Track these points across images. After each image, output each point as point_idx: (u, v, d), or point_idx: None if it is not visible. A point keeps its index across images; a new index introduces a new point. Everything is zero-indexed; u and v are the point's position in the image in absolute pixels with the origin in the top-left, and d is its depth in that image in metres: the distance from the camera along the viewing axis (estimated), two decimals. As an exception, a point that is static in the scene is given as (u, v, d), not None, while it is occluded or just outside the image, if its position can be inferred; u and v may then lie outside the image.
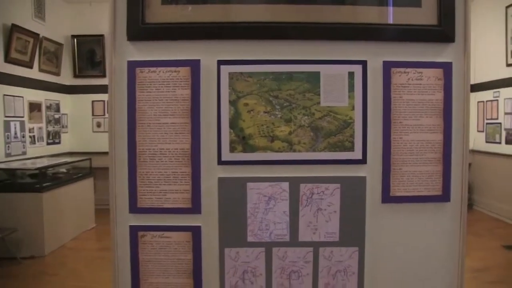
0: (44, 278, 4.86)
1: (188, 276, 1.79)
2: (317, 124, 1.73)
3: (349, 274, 1.79)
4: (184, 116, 1.74)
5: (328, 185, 1.75)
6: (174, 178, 1.76)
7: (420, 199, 1.79)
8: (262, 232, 1.76)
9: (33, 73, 6.98)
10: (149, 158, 1.76)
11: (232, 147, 1.74)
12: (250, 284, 1.79)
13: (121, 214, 1.80)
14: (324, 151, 1.74)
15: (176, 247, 1.78)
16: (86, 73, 8.20)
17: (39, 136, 7.24)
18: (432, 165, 1.78)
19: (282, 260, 1.78)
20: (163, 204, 1.77)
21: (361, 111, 1.74)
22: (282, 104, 1.72)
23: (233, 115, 1.73)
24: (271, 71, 1.72)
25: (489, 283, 4.51)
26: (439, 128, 1.77)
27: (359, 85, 1.73)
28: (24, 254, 5.46)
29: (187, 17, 1.73)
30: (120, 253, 1.81)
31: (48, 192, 5.76)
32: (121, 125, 1.78)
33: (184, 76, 1.73)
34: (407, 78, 1.75)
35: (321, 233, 1.77)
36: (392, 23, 1.75)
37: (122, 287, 1.82)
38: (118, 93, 1.78)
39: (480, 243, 5.99)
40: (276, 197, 1.75)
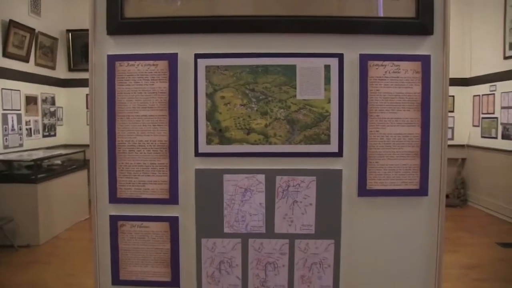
0: (38, 266, 4.92)
1: (166, 265, 1.82)
2: (293, 117, 1.75)
3: (325, 266, 1.81)
4: (162, 108, 1.76)
5: (304, 178, 1.77)
6: (153, 170, 1.78)
7: (397, 192, 1.81)
8: (239, 223, 1.79)
9: (29, 67, 7.00)
10: (128, 149, 1.78)
11: (209, 139, 1.76)
12: (227, 275, 1.81)
13: (102, 204, 1.83)
14: (300, 144, 1.76)
15: (154, 237, 1.81)
16: (80, 67, 8.20)
17: (35, 128, 7.25)
18: (409, 159, 1.79)
19: (258, 251, 1.80)
20: (142, 195, 1.79)
21: (337, 104, 1.76)
22: (258, 97, 1.74)
23: (210, 108, 1.75)
24: (247, 64, 1.73)
25: (480, 280, 4.50)
26: (416, 122, 1.78)
27: (336, 78, 1.75)
28: (20, 242, 5.52)
29: (164, 12, 1.75)
30: (101, 242, 1.84)
31: (43, 183, 5.80)
32: (101, 117, 1.81)
33: (162, 69, 1.75)
34: (384, 71, 1.77)
35: (297, 225, 1.79)
36: (370, 15, 1.76)
37: (103, 274, 1.85)
38: (98, 86, 1.81)
39: (473, 240, 5.99)
40: (252, 189, 1.77)
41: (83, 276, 4.51)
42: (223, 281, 1.82)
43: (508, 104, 7.06)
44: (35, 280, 4.49)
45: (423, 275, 1.85)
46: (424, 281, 1.85)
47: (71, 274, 4.61)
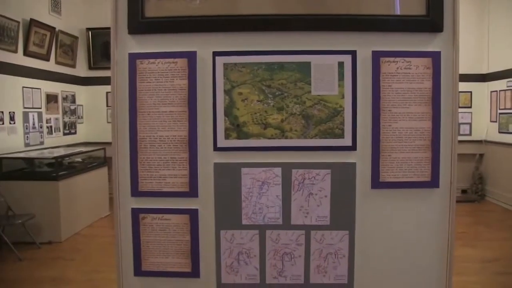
0: (61, 263, 5.05)
1: (186, 257, 1.89)
2: (308, 112, 1.81)
3: (340, 256, 1.87)
4: (181, 105, 1.83)
5: (319, 171, 1.83)
6: (173, 164, 1.85)
7: (409, 185, 1.85)
8: (256, 215, 1.85)
9: (50, 65, 7.14)
10: (149, 144, 1.85)
11: (227, 134, 1.82)
12: (245, 265, 1.88)
13: (124, 198, 1.90)
14: (315, 138, 1.82)
15: (175, 229, 1.88)
16: (100, 65, 8.33)
17: (56, 126, 7.40)
18: (421, 152, 1.84)
19: (275, 242, 1.86)
20: (163, 188, 1.86)
21: (350, 100, 1.81)
22: (275, 93, 1.80)
23: (228, 104, 1.81)
24: (264, 61, 1.79)
25: (498, 274, 4.51)
26: (427, 116, 1.83)
27: (349, 75, 1.80)
28: (42, 239, 5.64)
29: (183, 11, 1.81)
30: (123, 234, 1.91)
31: (64, 181, 5.92)
32: (123, 114, 1.88)
33: (181, 67, 1.82)
34: (396, 67, 1.81)
35: (313, 217, 1.85)
36: (381, 13, 1.81)
37: (125, 265, 1.92)
38: (120, 83, 1.88)
39: (491, 234, 6.00)
40: (269, 182, 1.83)
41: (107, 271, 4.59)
42: (242, 271, 1.88)
43: (526, 99, 7.04)
44: (58, 276, 4.60)
45: (436, 265, 1.89)
46: (436, 271, 1.89)
47: (95, 270, 4.71)
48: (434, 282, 1.90)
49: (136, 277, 1.92)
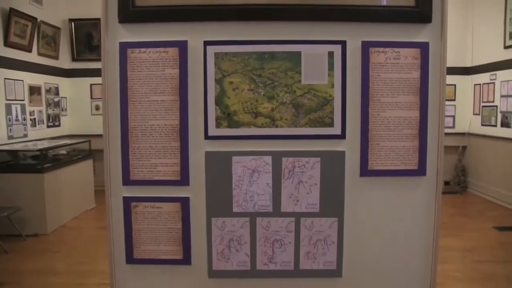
0: (48, 255, 5.04)
1: (178, 244, 1.91)
2: (298, 101, 1.83)
3: (329, 243, 1.90)
4: (173, 94, 1.84)
5: (309, 159, 1.86)
6: (164, 152, 1.86)
7: (397, 173, 1.89)
8: (247, 203, 1.87)
9: (32, 57, 7.05)
10: (140, 133, 1.86)
11: (218, 123, 1.84)
12: (236, 252, 1.90)
13: (115, 186, 1.91)
14: (305, 126, 1.84)
15: (166, 217, 1.90)
16: (84, 56, 8.26)
17: (40, 119, 7.33)
18: (408, 141, 1.87)
19: (266, 229, 1.89)
20: (154, 177, 1.88)
21: (340, 89, 1.84)
22: (265, 82, 1.82)
23: (218, 93, 1.83)
24: (255, 51, 1.81)
25: (477, 262, 4.63)
26: (415, 105, 1.86)
27: (339, 64, 1.83)
28: (28, 232, 5.61)
29: (174, 0, 1.82)
30: (115, 222, 1.93)
31: (49, 173, 5.88)
32: (114, 103, 1.88)
33: (172, 56, 1.83)
34: (385, 57, 1.84)
35: (302, 204, 1.88)
36: (371, 4, 1.84)
37: (117, 253, 1.94)
38: (111, 72, 1.87)
39: (472, 224, 6.12)
40: (259, 170, 1.86)
41: (94, 263, 4.62)
42: (233, 258, 1.91)
43: (508, 92, 7.14)
44: (45, 268, 4.59)
45: (422, 250, 1.94)
46: (422, 256, 1.94)
47: (81, 262, 4.71)
48: (420, 269, 1.94)
49: (128, 264, 1.94)
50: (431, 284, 1.94)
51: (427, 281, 1.95)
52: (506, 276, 4.27)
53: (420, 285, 1.95)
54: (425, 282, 1.95)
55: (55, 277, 4.33)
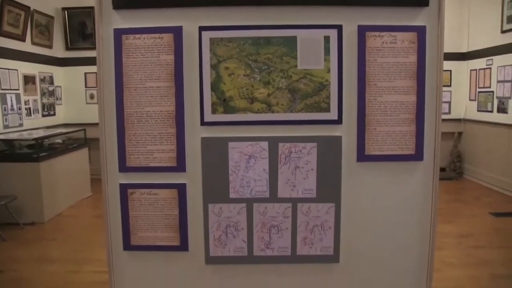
0: (45, 243, 5.04)
1: (175, 230, 1.91)
2: (294, 86, 1.82)
3: (326, 228, 1.91)
4: (168, 80, 1.83)
5: (306, 144, 1.85)
6: (160, 139, 1.86)
7: (394, 158, 1.89)
8: (243, 188, 1.87)
9: (26, 46, 6.99)
10: (136, 120, 1.86)
11: (214, 109, 1.83)
12: (233, 238, 1.91)
13: (112, 173, 1.91)
14: (301, 112, 1.84)
15: (163, 203, 1.89)
16: (78, 45, 8.20)
17: (35, 108, 7.29)
18: (405, 125, 1.87)
19: (263, 215, 1.89)
20: (150, 163, 1.87)
21: (336, 74, 1.83)
22: (261, 68, 1.81)
23: (214, 79, 1.82)
24: (250, 36, 1.80)
25: (472, 248, 4.65)
26: (412, 90, 1.86)
27: (335, 49, 1.82)
28: (25, 220, 5.61)
29: (169, -16, 1.80)
30: (112, 209, 1.92)
31: (45, 162, 5.86)
32: (109, 90, 1.87)
33: (167, 42, 1.82)
34: (381, 41, 1.83)
35: (299, 190, 1.88)
36: (367, -12, 1.82)
37: (114, 240, 1.94)
38: (106, 59, 1.86)
39: (467, 210, 6.13)
40: (256, 156, 1.85)
41: (90, 251, 4.62)
42: (230, 244, 1.91)
43: (504, 78, 7.12)
44: (42, 255, 4.59)
45: (419, 235, 1.94)
46: (419, 241, 1.94)
47: (78, 250, 4.71)
48: (417, 253, 1.95)
49: (125, 251, 1.94)
50: (428, 269, 1.95)
51: (424, 266, 1.95)
52: (501, 262, 4.29)
53: (417, 270, 1.96)
54: (423, 267, 1.95)
55: (52, 265, 4.33)
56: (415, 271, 1.96)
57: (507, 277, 3.95)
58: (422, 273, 1.96)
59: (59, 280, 3.96)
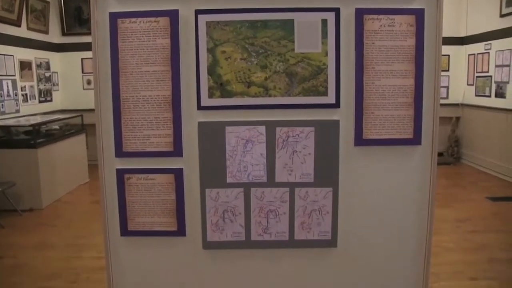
0: (43, 229, 5.04)
1: (172, 216, 1.90)
2: (291, 70, 1.81)
3: (324, 213, 1.90)
4: (164, 64, 1.81)
5: (303, 129, 1.84)
6: (157, 123, 1.84)
7: (392, 142, 1.88)
8: (241, 173, 1.86)
9: (21, 31, 6.93)
10: (132, 105, 1.84)
11: (211, 93, 1.82)
12: (230, 223, 1.90)
13: (108, 158, 1.90)
14: (299, 96, 1.82)
15: (160, 188, 1.89)
16: (74, 30, 8.13)
17: (31, 94, 7.25)
18: (403, 109, 1.86)
19: (260, 200, 1.89)
20: (147, 148, 1.86)
21: (334, 57, 1.81)
22: (258, 51, 1.79)
23: (211, 62, 1.80)
24: (247, 19, 1.78)
25: (469, 232, 4.67)
26: (410, 74, 1.84)
27: (332, 32, 1.80)
28: (23, 207, 5.61)
29: (164, -33, 1.78)
30: (109, 195, 1.92)
31: (43, 148, 5.85)
32: (105, 74, 1.85)
33: (163, 25, 1.80)
34: (379, 24, 1.81)
35: (297, 174, 1.87)
36: (365, -30, 1.80)
37: (111, 226, 1.93)
38: (101, 43, 1.84)
39: (465, 195, 6.15)
40: (253, 140, 1.84)
41: (89, 236, 4.62)
42: (227, 229, 1.91)
43: (503, 62, 7.09)
44: (41, 241, 4.60)
45: (417, 219, 1.94)
46: (417, 225, 1.94)
47: (77, 236, 4.72)
48: (415, 237, 1.95)
49: (122, 237, 1.94)
50: (425, 254, 1.95)
51: (422, 250, 1.95)
52: (498, 246, 4.31)
53: (414, 254, 1.96)
54: (420, 252, 1.96)
55: (52, 251, 4.34)
56: (413, 256, 1.96)
57: (504, 261, 3.97)
58: (419, 257, 1.96)
59: (58, 266, 3.96)
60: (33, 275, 3.79)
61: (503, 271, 3.78)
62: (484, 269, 3.81)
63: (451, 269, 3.79)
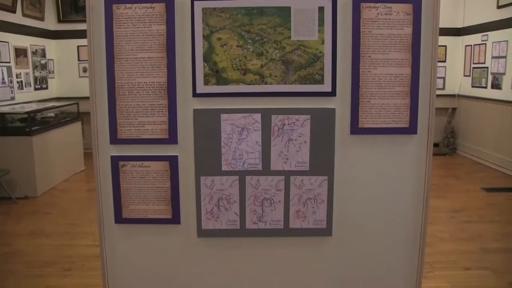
0: (38, 216, 5.05)
1: (166, 203, 1.90)
2: (288, 57, 1.80)
3: (319, 202, 1.90)
4: (160, 50, 1.80)
5: (299, 117, 1.83)
6: (152, 111, 1.83)
7: (388, 130, 1.87)
8: (236, 161, 1.86)
9: (17, 18, 6.88)
10: (127, 91, 1.83)
11: (206, 80, 1.81)
12: (225, 211, 1.90)
13: (103, 146, 1.89)
14: (295, 83, 1.81)
15: (155, 176, 1.88)
16: (70, 17, 8.09)
17: (27, 81, 7.21)
18: (400, 98, 1.85)
19: (255, 188, 1.88)
20: (142, 135, 1.85)
21: (330, 45, 1.80)
22: (254, 38, 1.78)
23: (207, 49, 1.79)
24: (243, 6, 1.76)
25: (464, 223, 4.70)
26: (407, 62, 1.83)
27: (329, 20, 1.78)
28: (18, 194, 5.61)
29: (160, -48, 1.76)
30: (103, 182, 1.91)
31: (38, 136, 5.83)
32: (100, 61, 1.83)
33: (159, 12, 1.78)
34: (376, 13, 1.80)
35: (292, 163, 1.87)
36: (363, -42, 1.78)
37: (106, 213, 1.93)
38: (96, 29, 1.82)
39: (460, 186, 6.18)
40: (248, 128, 1.83)
41: (84, 224, 4.63)
42: (222, 217, 1.91)
43: (499, 53, 7.10)
44: (36, 229, 4.60)
45: (412, 209, 1.94)
46: (412, 214, 1.94)
47: (72, 224, 4.72)
48: (409, 227, 1.95)
49: (117, 224, 1.93)
50: (420, 242, 1.96)
51: (417, 239, 1.96)
52: (492, 236, 4.34)
53: (409, 244, 1.96)
54: (415, 241, 1.96)
55: (47, 239, 4.34)
56: (408, 245, 1.96)
57: (497, 251, 4.00)
58: (414, 247, 1.96)
59: (53, 254, 3.97)
60: (27, 263, 3.80)
61: (496, 260, 3.81)
62: (478, 259, 3.83)
63: (445, 258, 3.82)
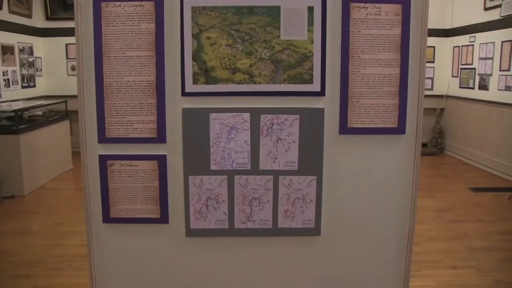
0: (25, 216, 4.99)
1: (155, 203, 1.89)
2: (277, 57, 1.79)
3: (307, 201, 1.90)
4: (149, 49, 1.79)
5: (288, 116, 1.83)
6: (140, 109, 1.82)
7: (376, 130, 1.88)
8: (225, 160, 1.85)
9: (3, 15, 6.80)
10: (116, 90, 1.82)
11: (195, 79, 1.80)
12: (214, 210, 1.89)
13: (91, 144, 1.87)
14: (284, 83, 1.81)
15: (143, 175, 1.87)
16: (58, 15, 8.02)
17: (14, 79, 7.14)
18: (388, 98, 1.86)
19: (244, 187, 1.88)
20: (130, 134, 1.84)
21: (320, 45, 1.80)
22: (243, 38, 1.78)
23: (196, 48, 1.78)
24: (233, 5, 1.76)
25: (452, 222, 4.75)
26: (396, 63, 1.84)
27: (319, 20, 1.79)
28: (4, 194, 5.54)
29: (149, -50, 1.75)
30: (91, 181, 1.89)
31: (25, 134, 5.77)
32: (88, 59, 1.82)
33: (148, 10, 1.77)
34: (365, 13, 1.81)
35: (281, 162, 1.86)
36: (352, -42, 1.79)
37: (94, 212, 1.91)
38: (85, 27, 1.80)
39: (448, 185, 6.24)
40: (237, 127, 1.83)
41: (71, 224, 4.60)
42: (211, 217, 1.90)
43: (486, 55, 7.17)
44: (22, 229, 4.56)
45: (400, 209, 1.95)
46: (400, 214, 1.95)
47: (59, 223, 4.68)
48: (398, 227, 1.96)
49: (104, 224, 1.92)
50: (408, 242, 1.97)
51: (405, 239, 1.97)
52: (479, 235, 4.38)
53: (397, 243, 1.97)
54: (403, 240, 1.97)
55: (34, 238, 4.31)
56: (396, 245, 1.97)
57: (484, 250, 4.05)
58: (402, 246, 1.97)
59: (41, 253, 3.93)
60: (15, 262, 3.76)
61: (482, 259, 3.85)
62: (464, 257, 3.87)
63: (432, 257, 3.85)
